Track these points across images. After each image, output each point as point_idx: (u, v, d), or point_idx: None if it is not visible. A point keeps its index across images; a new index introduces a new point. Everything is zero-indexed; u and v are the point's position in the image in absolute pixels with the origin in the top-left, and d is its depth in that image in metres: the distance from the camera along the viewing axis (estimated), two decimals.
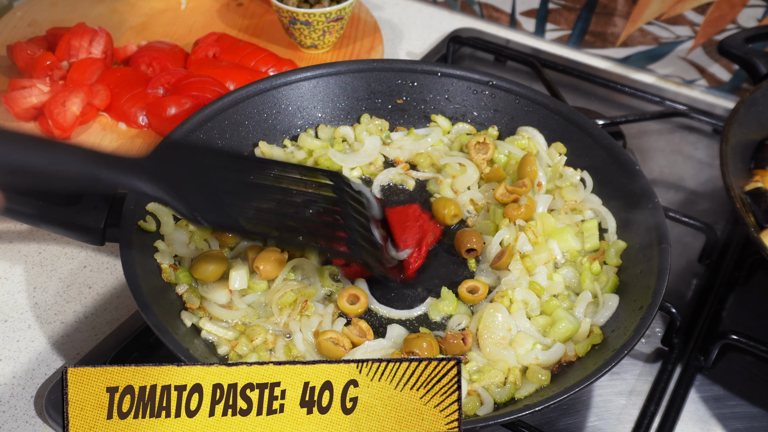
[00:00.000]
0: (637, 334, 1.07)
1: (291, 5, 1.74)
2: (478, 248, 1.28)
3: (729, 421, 1.22)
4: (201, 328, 1.17)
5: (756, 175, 1.42)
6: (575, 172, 1.37)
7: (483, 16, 2.08)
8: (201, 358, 1.06)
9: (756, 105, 1.47)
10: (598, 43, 1.96)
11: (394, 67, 1.49)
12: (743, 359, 1.29)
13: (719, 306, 1.36)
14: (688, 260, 1.45)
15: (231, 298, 1.21)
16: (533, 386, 1.12)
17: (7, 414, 1.20)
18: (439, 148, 1.46)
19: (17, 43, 1.68)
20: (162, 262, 1.21)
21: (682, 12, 1.80)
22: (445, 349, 1.16)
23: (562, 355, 1.16)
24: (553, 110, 1.43)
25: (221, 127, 1.39)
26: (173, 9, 1.95)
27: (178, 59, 1.70)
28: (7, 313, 1.34)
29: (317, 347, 1.15)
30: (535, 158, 1.36)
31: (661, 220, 1.22)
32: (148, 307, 1.08)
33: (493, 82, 1.47)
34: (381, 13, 2.09)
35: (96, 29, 1.69)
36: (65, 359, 1.27)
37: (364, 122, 1.49)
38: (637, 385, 1.25)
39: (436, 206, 1.35)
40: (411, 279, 1.27)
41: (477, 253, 1.29)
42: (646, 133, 1.73)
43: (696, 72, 1.88)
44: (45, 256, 1.43)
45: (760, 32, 1.61)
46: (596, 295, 1.23)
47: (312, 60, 1.82)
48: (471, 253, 1.29)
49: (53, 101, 1.51)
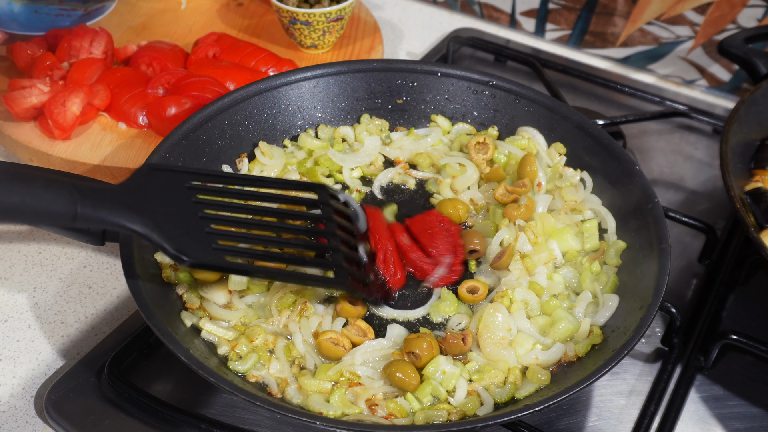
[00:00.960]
0: (637, 334, 1.07)
1: (291, 5, 1.74)
2: (480, 249, 1.28)
3: (729, 421, 1.22)
4: (201, 329, 1.17)
5: (756, 175, 1.42)
6: (575, 173, 1.37)
7: (483, 16, 2.08)
8: (201, 358, 1.06)
9: (756, 105, 1.47)
10: (598, 43, 1.96)
11: (394, 67, 1.49)
12: (743, 359, 1.29)
13: (719, 306, 1.36)
14: (688, 260, 1.45)
15: (230, 299, 1.21)
16: (533, 386, 1.12)
17: (7, 414, 1.20)
18: (439, 148, 1.46)
19: (17, 43, 1.68)
20: (162, 262, 1.21)
21: (682, 12, 1.80)
22: (445, 349, 1.16)
23: (562, 355, 1.16)
24: (553, 110, 1.43)
25: (221, 127, 1.39)
26: (173, 9, 1.95)
27: (178, 59, 1.70)
28: (7, 313, 1.34)
29: (317, 347, 1.15)
30: (535, 158, 1.36)
31: (661, 219, 1.22)
32: (148, 307, 1.08)
33: (493, 82, 1.47)
34: (381, 13, 2.09)
35: (96, 29, 1.69)
36: (65, 359, 1.27)
37: (364, 122, 1.49)
38: (637, 385, 1.25)
39: (442, 208, 1.35)
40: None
41: (479, 255, 1.29)
42: (646, 133, 1.73)
43: (696, 72, 1.88)
44: (45, 256, 1.43)
45: (760, 32, 1.61)
46: (596, 295, 1.23)
47: (312, 60, 1.81)
48: (473, 254, 1.29)
49: (53, 101, 1.51)
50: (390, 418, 1.08)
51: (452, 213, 1.34)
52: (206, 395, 1.19)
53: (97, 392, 1.18)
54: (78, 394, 1.18)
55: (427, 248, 1.27)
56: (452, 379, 1.12)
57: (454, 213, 1.34)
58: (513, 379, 1.13)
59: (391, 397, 1.11)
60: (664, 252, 1.17)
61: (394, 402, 1.09)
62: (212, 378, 1.02)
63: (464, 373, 1.13)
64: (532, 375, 1.13)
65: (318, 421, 1.01)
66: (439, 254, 1.26)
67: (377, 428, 1.06)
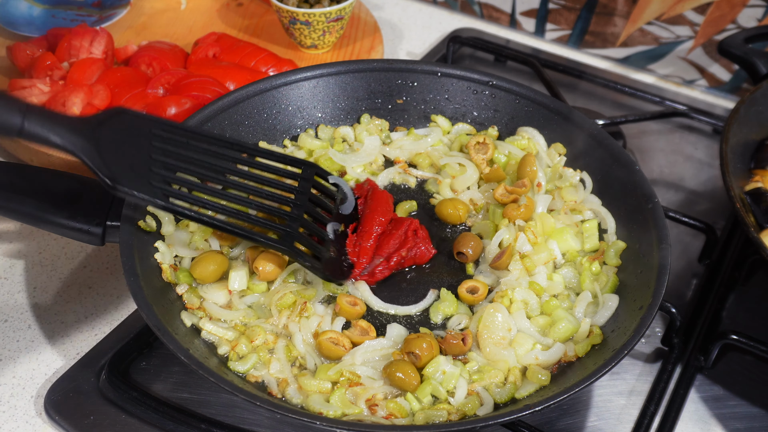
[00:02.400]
0: (637, 334, 1.07)
1: (291, 5, 1.74)
2: (470, 255, 1.27)
3: (729, 421, 1.22)
4: (201, 329, 1.17)
5: (756, 175, 1.42)
6: (575, 173, 1.37)
7: (483, 16, 2.08)
8: (201, 359, 1.06)
9: (756, 105, 1.47)
10: (598, 43, 1.96)
11: (394, 67, 1.49)
12: (743, 359, 1.29)
13: (719, 306, 1.36)
14: (688, 260, 1.45)
15: (230, 299, 1.21)
16: (533, 386, 1.12)
17: (7, 414, 1.20)
18: (439, 148, 1.46)
19: (17, 43, 1.68)
20: (162, 262, 1.21)
21: (682, 12, 1.80)
22: (445, 349, 1.16)
23: (561, 355, 1.16)
24: (553, 110, 1.43)
25: (221, 127, 1.39)
26: (173, 9, 1.95)
27: (178, 59, 1.70)
28: (7, 313, 1.34)
29: (317, 347, 1.15)
30: (534, 158, 1.36)
31: (661, 220, 1.22)
32: (149, 307, 1.08)
33: (493, 82, 1.47)
34: (381, 13, 2.09)
35: (97, 29, 1.69)
36: (65, 359, 1.27)
37: (364, 122, 1.49)
38: (637, 385, 1.25)
39: (442, 207, 1.35)
40: (363, 280, 1.25)
41: (467, 259, 1.29)
42: (646, 133, 1.73)
43: (696, 72, 1.88)
44: (45, 256, 1.43)
45: (760, 32, 1.61)
46: (596, 295, 1.23)
47: (312, 60, 1.82)
48: (461, 257, 1.29)
49: (53, 101, 1.51)
50: (390, 417, 1.08)
51: (452, 213, 1.34)
52: (206, 395, 1.19)
53: (97, 392, 1.18)
54: (78, 394, 1.18)
55: (381, 246, 1.26)
56: (452, 379, 1.11)
57: (453, 213, 1.34)
58: (513, 379, 1.13)
59: (391, 398, 1.11)
60: (664, 252, 1.17)
61: (394, 402, 1.09)
62: (212, 378, 1.02)
63: (464, 374, 1.13)
64: (532, 375, 1.13)
65: (318, 421, 1.01)
66: (379, 254, 1.26)
67: (377, 428, 1.06)
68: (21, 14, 1.83)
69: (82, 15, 1.85)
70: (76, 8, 1.87)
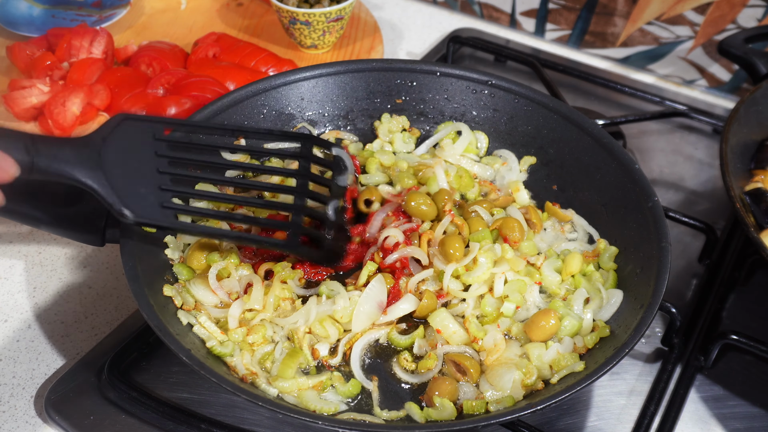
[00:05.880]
0: (637, 334, 1.07)
1: (291, 5, 1.74)
2: (455, 258, 1.22)
3: (729, 421, 1.22)
4: (199, 325, 1.16)
5: (756, 175, 1.42)
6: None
7: (483, 16, 2.08)
8: (202, 358, 1.06)
9: (756, 105, 1.46)
10: (598, 43, 1.96)
11: (393, 67, 1.49)
12: (743, 359, 1.29)
13: (719, 306, 1.36)
14: (688, 260, 1.45)
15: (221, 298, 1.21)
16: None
17: (7, 414, 1.20)
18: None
19: (17, 43, 1.68)
20: (172, 258, 1.23)
21: (682, 12, 1.80)
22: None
23: (571, 350, 1.16)
24: (553, 110, 1.43)
25: None
26: (173, 9, 1.95)
27: (178, 59, 1.70)
28: (7, 313, 1.34)
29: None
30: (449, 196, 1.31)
31: (660, 219, 1.22)
32: (149, 307, 1.08)
33: (492, 82, 1.47)
34: (381, 13, 2.09)
35: (97, 29, 1.69)
36: (65, 359, 1.27)
37: (385, 121, 1.48)
38: (637, 385, 1.25)
39: (410, 201, 1.29)
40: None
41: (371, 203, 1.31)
42: (646, 133, 1.73)
43: (696, 72, 1.88)
44: (45, 256, 1.43)
45: (760, 32, 1.61)
46: (599, 290, 1.22)
47: (312, 60, 1.82)
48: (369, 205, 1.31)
49: (53, 101, 1.51)
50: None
51: (414, 206, 1.28)
52: (206, 395, 1.19)
53: (97, 392, 1.18)
54: (78, 394, 1.18)
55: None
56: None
57: (414, 207, 1.29)
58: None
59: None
60: (664, 252, 1.17)
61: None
62: (214, 378, 1.02)
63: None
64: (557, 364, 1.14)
65: (319, 421, 1.01)
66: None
67: (377, 428, 1.06)
68: (21, 14, 1.84)
69: (82, 15, 1.85)
70: (76, 8, 1.88)
